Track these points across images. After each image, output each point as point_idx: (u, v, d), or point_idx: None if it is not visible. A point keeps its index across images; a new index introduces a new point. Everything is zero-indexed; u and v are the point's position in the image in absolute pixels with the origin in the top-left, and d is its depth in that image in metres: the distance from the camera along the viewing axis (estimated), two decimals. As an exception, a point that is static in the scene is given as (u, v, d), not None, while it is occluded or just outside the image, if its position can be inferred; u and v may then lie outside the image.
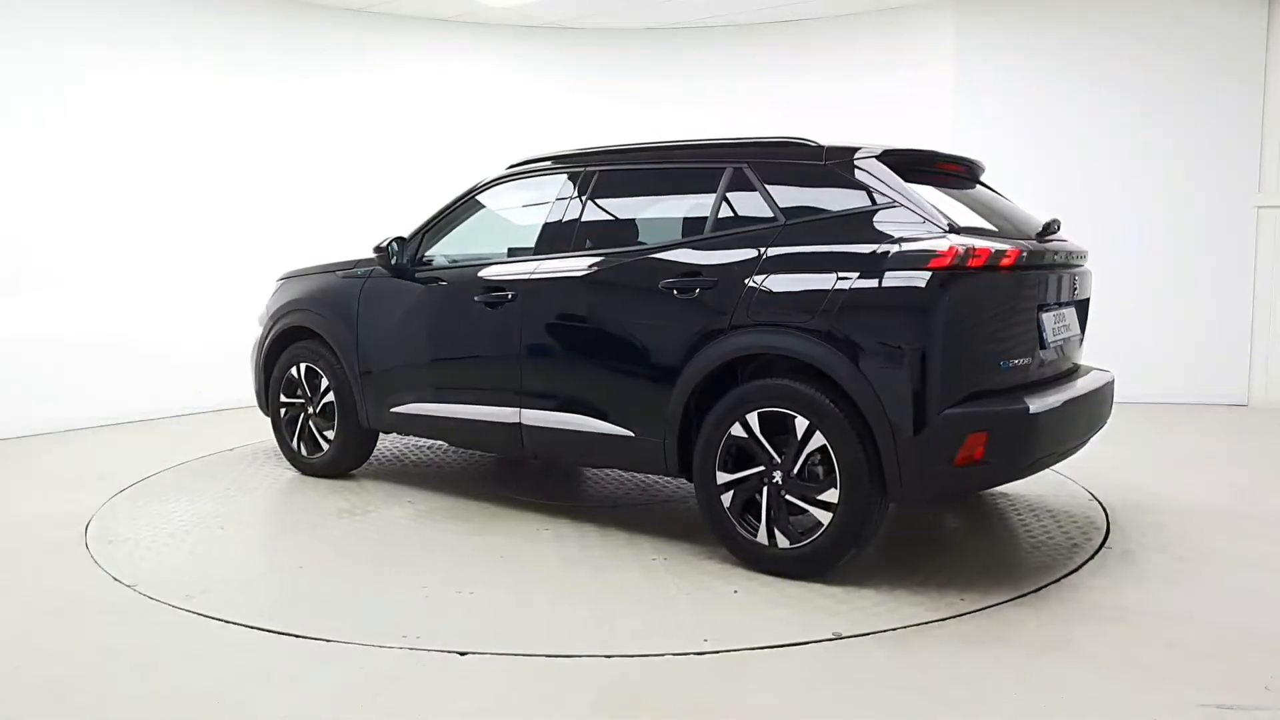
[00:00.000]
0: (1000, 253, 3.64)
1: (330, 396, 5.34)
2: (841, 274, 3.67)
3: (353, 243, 6.56)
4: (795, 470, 3.73)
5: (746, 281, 3.86)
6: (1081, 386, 4.11)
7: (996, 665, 3.03)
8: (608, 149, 4.70)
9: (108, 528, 4.55)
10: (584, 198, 4.54)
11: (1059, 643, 3.20)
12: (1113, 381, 4.46)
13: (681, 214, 4.46)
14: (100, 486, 5.27)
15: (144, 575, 3.89)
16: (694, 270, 4.01)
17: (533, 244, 4.68)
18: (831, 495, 3.65)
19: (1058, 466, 5.56)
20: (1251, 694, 2.83)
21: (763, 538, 3.82)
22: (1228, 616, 3.42)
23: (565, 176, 4.66)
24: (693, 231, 4.23)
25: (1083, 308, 4.41)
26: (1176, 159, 7.85)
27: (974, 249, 3.57)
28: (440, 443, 6.32)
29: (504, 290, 4.57)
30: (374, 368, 5.13)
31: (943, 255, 3.52)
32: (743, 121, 8.79)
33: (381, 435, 5.75)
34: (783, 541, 3.78)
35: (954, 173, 4.32)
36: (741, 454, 3.88)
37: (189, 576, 3.90)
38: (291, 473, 5.56)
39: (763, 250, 3.88)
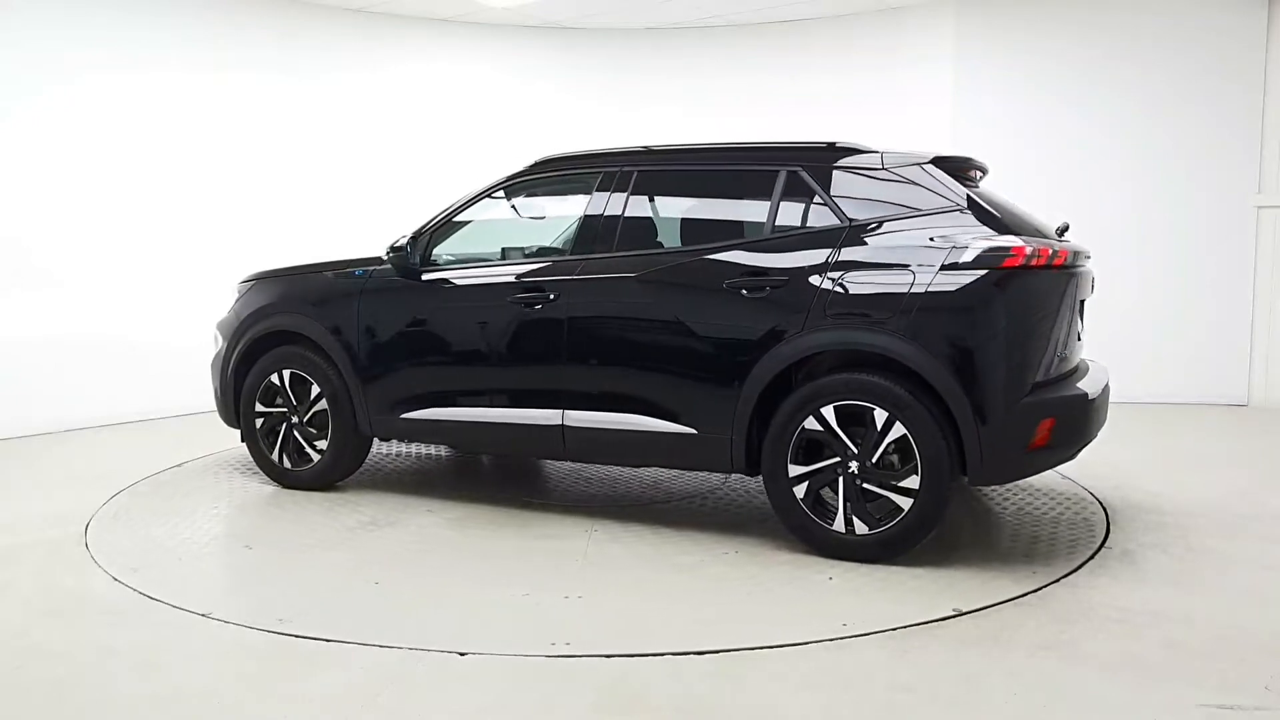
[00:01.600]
0: (1055, 252, 3.92)
1: (322, 404, 5.02)
2: (919, 273, 3.87)
3: (352, 242, 6.55)
4: (874, 459, 3.89)
5: (820, 281, 4.00)
6: (1101, 376, 4.35)
7: (996, 665, 3.03)
8: (647, 149, 4.68)
9: (108, 528, 4.55)
10: (624, 197, 4.49)
11: (1059, 643, 3.20)
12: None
13: (733, 215, 4.50)
14: (100, 486, 5.27)
15: (144, 575, 3.88)
16: (762, 270, 4.11)
17: (562, 243, 4.63)
18: (912, 482, 3.84)
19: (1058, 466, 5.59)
20: (1251, 694, 2.82)
21: (840, 526, 3.97)
22: (1228, 616, 3.42)
23: (600, 175, 4.59)
24: (748, 233, 4.29)
25: (1081, 306, 4.47)
26: (1176, 159, 7.85)
27: (1039, 249, 3.86)
28: (407, 448, 6.19)
29: (544, 290, 4.48)
30: (379, 372, 4.88)
31: (1015, 254, 3.80)
32: (744, 121, 8.79)
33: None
34: (861, 528, 3.94)
35: (974, 177, 4.43)
36: (811, 446, 4.01)
37: (192, 577, 3.90)
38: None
39: (834, 251, 4.02)
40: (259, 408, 5.23)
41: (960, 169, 4.24)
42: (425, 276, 4.84)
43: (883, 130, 8.27)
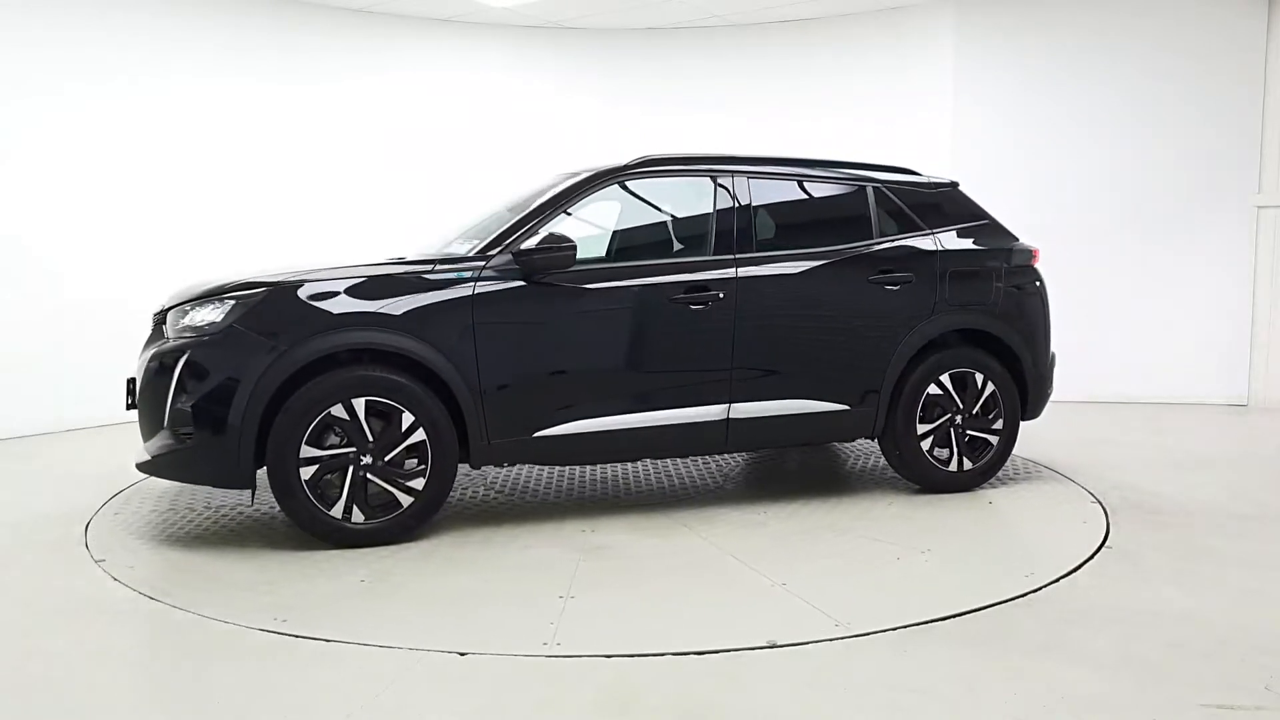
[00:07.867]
0: None
1: (418, 435, 4.24)
2: (997, 269, 5.20)
3: (351, 243, 6.56)
4: (974, 412, 5.09)
5: (936, 276, 5.05)
6: None
7: (996, 665, 3.03)
8: (752, 157, 5.06)
9: (108, 528, 4.55)
10: (749, 201, 4.89)
11: (1059, 643, 3.20)
12: None
13: (851, 219, 5.10)
14: (100, 486, 5.27)
15: (144, 575, 3.88)
16: (897, 266, 5.00)
17: (692, 242, 4.90)
18: (997, 425, 5.13)
19: (1057, 466, 5.60)
20: (1251, 694, 2.82)
21: (953, 466, 5.07)
22: (1228, 616, 3.42)
23: (717, 179, 4.88)
24: (862, 236, 5.05)
25: None
26: (1176, 159, 7.86)
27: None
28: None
29: (710, 289, 4.65)
30: (508, 389, 4.37)
31: (1035, 254, 5.36)
32: (744, 121, 8.80)
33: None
34: (967, 464, 5.09)
35: None
36: (927, 408, 5.01)
37: (193, 578, 3.90)
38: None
39: (936, 250, 5.09)
40: (307, 452, 4.13)
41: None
42: (560, 280, 4.45)
43: (883, 130, 8.30)
